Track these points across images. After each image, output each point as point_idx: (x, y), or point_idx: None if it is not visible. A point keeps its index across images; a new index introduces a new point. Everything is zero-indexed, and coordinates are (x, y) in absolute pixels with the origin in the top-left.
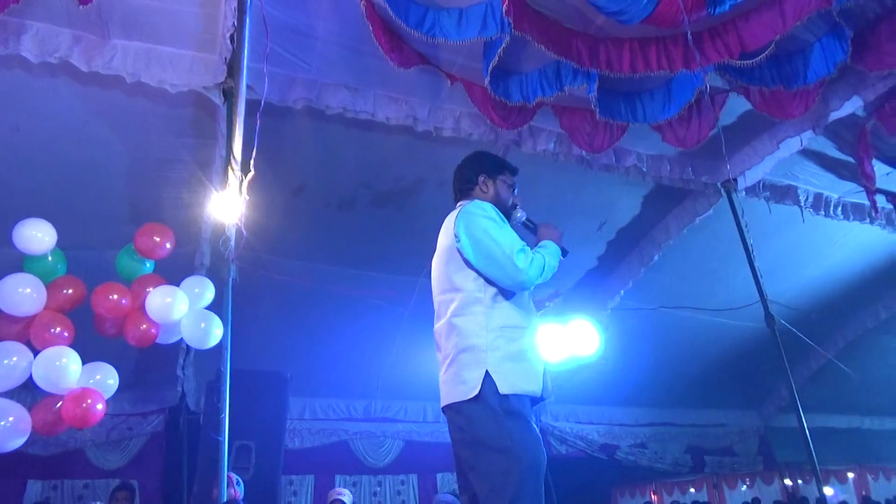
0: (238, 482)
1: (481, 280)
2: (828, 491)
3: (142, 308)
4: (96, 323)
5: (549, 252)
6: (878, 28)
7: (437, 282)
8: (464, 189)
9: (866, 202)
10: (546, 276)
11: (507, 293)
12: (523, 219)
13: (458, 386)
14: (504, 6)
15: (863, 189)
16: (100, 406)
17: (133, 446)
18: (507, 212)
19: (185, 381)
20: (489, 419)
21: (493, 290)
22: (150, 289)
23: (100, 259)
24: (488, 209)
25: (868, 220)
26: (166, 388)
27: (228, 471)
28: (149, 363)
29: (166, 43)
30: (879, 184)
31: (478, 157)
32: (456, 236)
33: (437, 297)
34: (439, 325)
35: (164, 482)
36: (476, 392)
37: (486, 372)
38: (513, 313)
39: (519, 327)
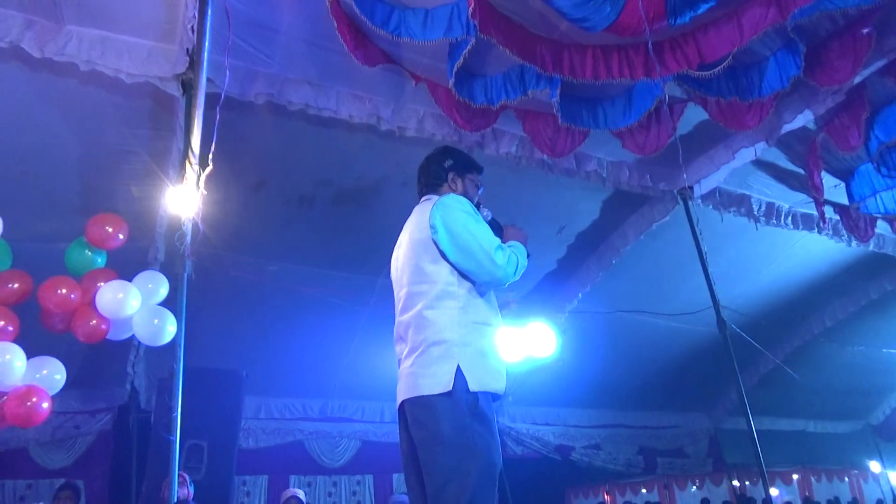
0: (189, 482)
1: (456, 274)
2: (773, 492)
3: (92, 303)
4: (43, 317)
5: (520, 252)
6: (830, 45)
7: (404, 274)
8: (431, 184)
9: (815, 213)
10: (518, 275)
11: (479, 289)
12: (489, 218)
13: (426, 379)
14: (470, 8)
15: (812, 200)
16: (45, 405)
17: (79, 445)
18: None
19: (136, 379)
20: (456, 417)
21: (467, 284)
22: (101, 283)
23: (48, 252)
24: (465, 203)
25: (816, 230)
26: (116, 385)
27: (179, 471)
28: (98, 359)
29: (124, 31)
30: (828, 195)
31: (448, 153)
32: (433, 227)
33: (407, 288)
34: (406, 316)
35: (112, 482)
36: (450, 388)
37: (458, 367)
38: (483, 310)
39: (487, 324)
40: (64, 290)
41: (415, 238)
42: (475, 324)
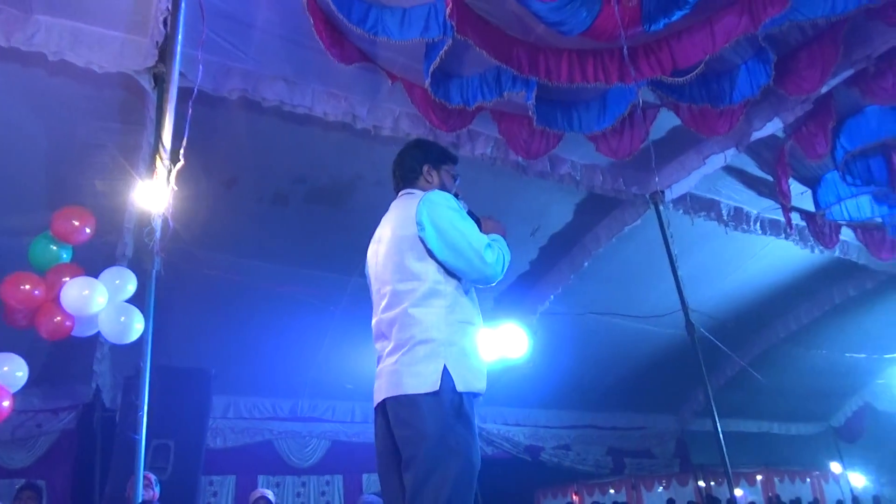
0: (155, 482)
1: (443, 272)
2: (738, 492)
3: (56, 300)
4: (6, 313)
5: (504, 247)
6: (799, 55)
7: (386, 270)
8: (407, 177)
9: (782, 219)
10: (506, 267)
11: (465, 287)
12: (465, 210)
13: (411, 378)
14: (447, 9)
15: (780, 206)
16: (6, 403)
17: (41, 444)
18: None
19: (101, 377)
20: (440, 417)
21: (454, 282)
22: (67, 278)
23: (13, 246)
24: (451, 199)
25: (783, 236)
26: (80, 383)
27: (145, 471)
28: (62, 356)
29: (94, 22)
30: (795, 202)
31: (421, 146)
32: (419, 224)
33: (389, 285)
34: (390, 314)
35: (75, 483)
36: (437, 387)
37: (445, 367)
38: (468, 308)
39: (471, 323)
40: (27, 287)
41: (399, 234)
42: (461, 323)
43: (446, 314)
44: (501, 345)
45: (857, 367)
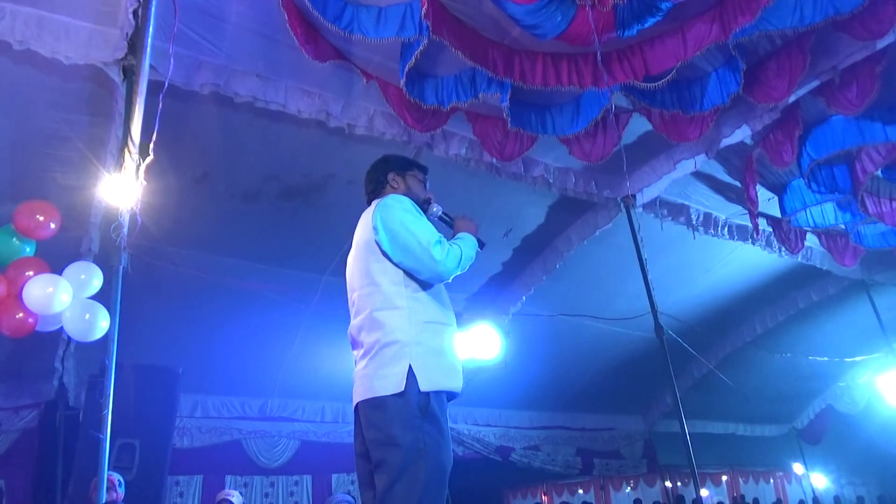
0: (119, 483)
1: (401, 273)
2: (704, 492)
3: (18, 296)
4: None
5: (465, 243)
6: (768, 64)
7: (354, 277)
8: (376, 189)
9: (749, 224)
10: (464, 266)
11: (426, 287)
12: (439, 213)
13: (379, 381)
14: (423, 9)
15: (747, 212)
16: None
17: (1, 444)
18: (421, 206)
19: (65, 374)
20: (407, 418)
21: (413, 283)
22: (30, 273)
23: None
24: (405, 202)
25: (750, 241)
26: (42, 381)
27: (109, 471)
28: (24, 353)
29: (61, 11)
30: (762, 208)
31: (384, 159)
32: (374, 229)
33: (356, 292)
34: (358, 320)
35: (36, 483)
36: (402, 388)
37: (410, 367)
38: (434, 308)
39: (440, 323)
40: None
41: (361, 241)
42: (427, 323)
43: (409, 315)
44: (473, 345)
45: (820, 370)
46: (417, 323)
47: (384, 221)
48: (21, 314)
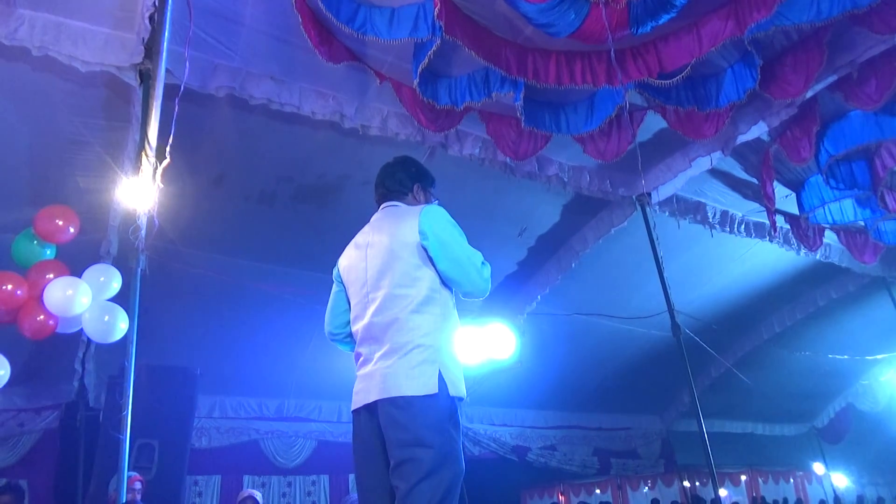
0: (138, 490)
1: (439, 281)
2: (722, 493)
3: (39, 298)
4: None
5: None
6: (784, 59)
7: (386, 275)
8: (396, 190)
9: (767, 222)
10: None
11: (455, 297)
12: None
13: (409, 380)
14: (436, 9)
15: (764, 209)
16: None
17: (24, 444)
18: None
19: (85, 376)
20: (437, 420)
21: (446, 291)
22: (51, 275)
23: None
24: (448, 215)
25: (768, 239)
26: (63, 381)
27: (129, 471)
28: (45, 355)
29: (79, 17)
30: (779, 205)
31: (415, 166)
32: (422, 233)
33: (387, 290)
34: (383, 317)
35: (57, 482)
36: (435, 391)
37: (440, 372)
38: (456, 318)
39: (455, 330)
40: (9, 287)
41: (400, 241)
42: (450, 331)
43: (441, 321)
44: (489, 345)
45: (840, 368)
46: (445, 329)
47: (435, 229)
48: (42, 316)
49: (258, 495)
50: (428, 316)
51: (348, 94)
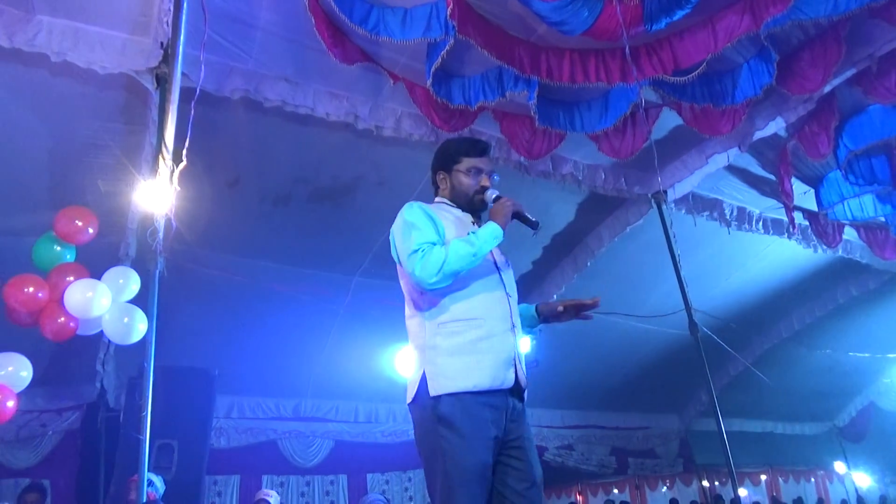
0: (150, 483)
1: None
2: (742, 492)
3: (60, 300)
4: (9, 312)
5: (468, 241)
6: (801, 54)
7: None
8: (435, 191)
9: (785, 218)
10: (449, 268)
11: (456, 288)
12: (493, 198)
13: (408, 388)
14: (448, 9)
15: (782, 206)
16: (10, 403)
17: (46, 444)
18: (471, 201)
19: (105, 377)
20: (420, 423)
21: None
22: (70, 278)
23: (16, 246)
24: (413, 209)
25: (786, 235)
26: (84, 383)
27: (149, 470)
28: (66, 356)
29: (96, 23)
30: (797, 201)
31: (436, 153)
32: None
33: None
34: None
35: (79, 482)
36: (415, 395)
37: (423, 374)
38: (454, 307)
39: (463, 320)
40: (31, 289)
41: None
42: (442, 324)
43: (426, 320)
44: None
45: (861, 366)
46: (432, 326)
47: (393, 230)
48: (63, 318)
49: (272, 497)
50: (414, 319)
51: (362, 95)
